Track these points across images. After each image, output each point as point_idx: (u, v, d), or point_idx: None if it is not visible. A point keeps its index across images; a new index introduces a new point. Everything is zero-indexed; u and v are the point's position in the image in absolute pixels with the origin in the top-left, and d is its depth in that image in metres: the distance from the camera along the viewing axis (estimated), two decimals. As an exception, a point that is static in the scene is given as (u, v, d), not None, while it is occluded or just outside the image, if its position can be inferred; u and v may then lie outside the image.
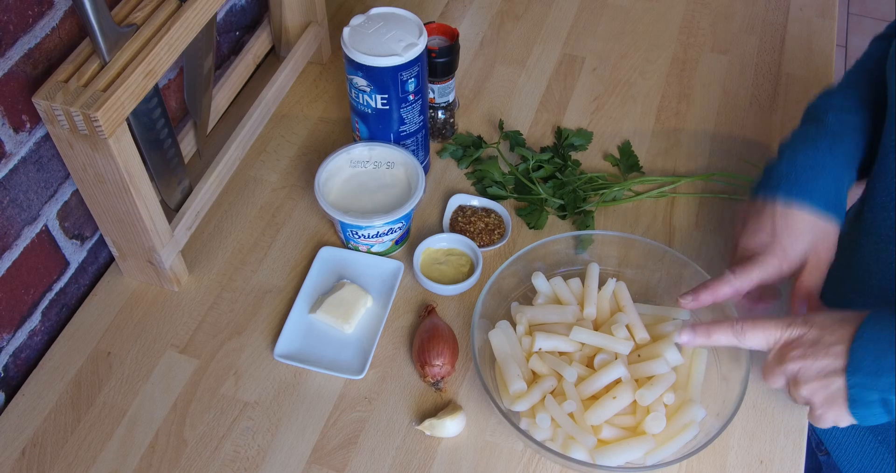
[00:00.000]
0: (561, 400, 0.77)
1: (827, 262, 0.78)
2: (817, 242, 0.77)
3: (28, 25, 0.74)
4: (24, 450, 0.81)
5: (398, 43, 0.87)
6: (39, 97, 0.71)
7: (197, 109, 0.97)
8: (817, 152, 0.80)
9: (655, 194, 1.00)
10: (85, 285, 0.94)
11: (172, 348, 0.88)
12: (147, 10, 0.77)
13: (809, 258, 0.77)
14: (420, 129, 0.96)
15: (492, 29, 1.21)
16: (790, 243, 0.76)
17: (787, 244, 0.77)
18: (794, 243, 0.77)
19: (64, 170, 0.85)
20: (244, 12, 1.12)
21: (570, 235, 0.88)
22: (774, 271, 0.76)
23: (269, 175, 1.03)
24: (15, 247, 0.82)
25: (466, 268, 0.92)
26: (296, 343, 0.87)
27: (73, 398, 0.84)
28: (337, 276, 0.92)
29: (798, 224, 0.77)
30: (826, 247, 0.78)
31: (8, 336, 0.84)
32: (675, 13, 1.24)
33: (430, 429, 0.80)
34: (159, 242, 0.85)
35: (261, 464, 0.80)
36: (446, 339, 0.84)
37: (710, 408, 0.78)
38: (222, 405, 0.84)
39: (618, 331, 0.81)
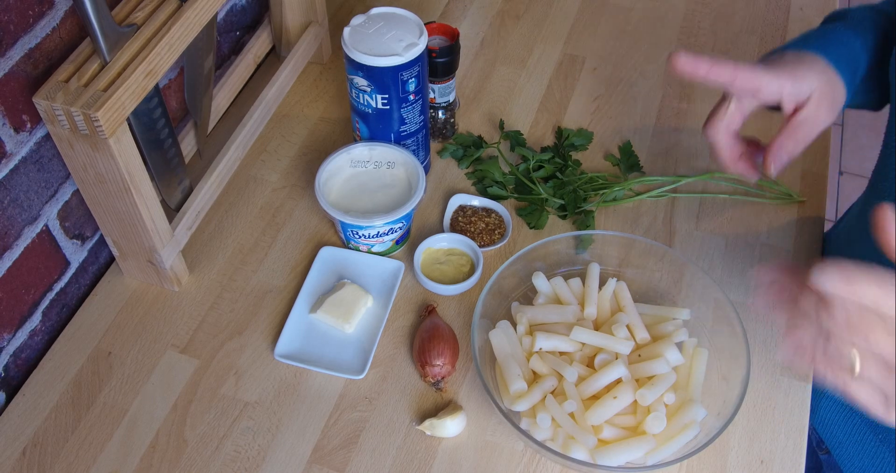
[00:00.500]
0: (561, 400, 0.77)
1: (824, 121, 0.72)
2: (824, 88, 0.71)
3: (28, 25, 0.74)
4: (24, 450, 0.81)
5: (399, 43, 0.87)
6: (40, 97, 0.71)
7: (197, 108, 0.97)
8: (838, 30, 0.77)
9: (656, 194, 1.00)
10: (85, 285, 0.94)
11: (173, 348, 0.88)
12: (147, 10, 0.77)
13: (810, 101, 0.71)
14: (420, 129, 0.96)
15: (492, 29, 1.21)
16: (800, 68, 0.71)
17: (797, 68, 0.71)
18: (803, 70, 0.71)
19: (64, 170, 0.85)
20: (244, 12, 1.12)
21: (571, 235, 0.88)
22: (777, 84, 0.70)
23: (270, 175, 1.03)
24: (15, 247, 0.82)
25: (467, 268, 0.92)
26: (296, 343, 0.87)
27: (73, 399, 0.84)
28: (337, 276, 0.92)
29: (810, 61, 0.72)
30: (829, 103, 0.72)
31: (8, 336, 0.84)
32: (676, 13, 1.24)
33: (430, 429, 0.80)
34: (160, 242, 0.85)
35: (261, 464, 0.80)
36: (447, 339, 0.84)
37: (710, 408, 0.78)
38: (223, 405, 0.84)
39: (618, 331, 0.81)
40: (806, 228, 0.97)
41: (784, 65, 0.72)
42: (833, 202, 2.17)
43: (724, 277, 0.93)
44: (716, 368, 0.81)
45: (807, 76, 0.71)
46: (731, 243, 0.96)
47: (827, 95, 0.72)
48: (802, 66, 0.71)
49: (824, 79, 0.71)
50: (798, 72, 0.71)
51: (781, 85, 0.70)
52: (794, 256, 0.95)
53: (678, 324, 0.84)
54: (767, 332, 0.89)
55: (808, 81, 0.71)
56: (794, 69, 0.71)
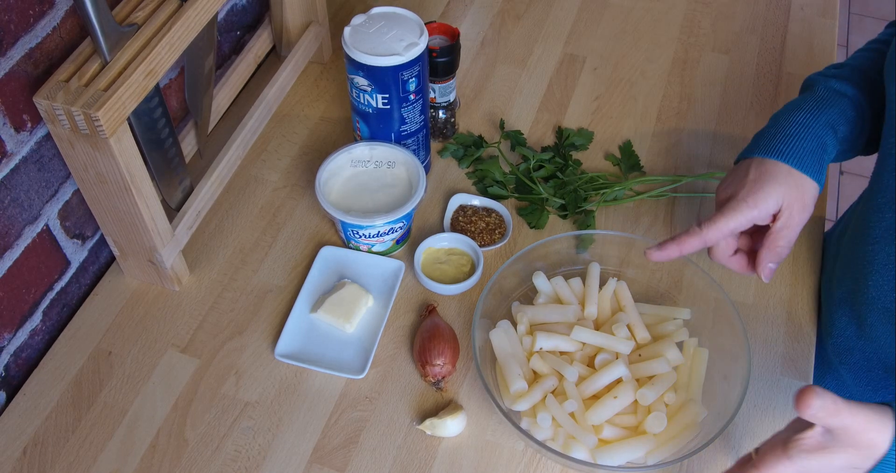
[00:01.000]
0: (562, 400, 0.77)
1: (799, 223, 0.76)
2: (791, 196, 0.75)
3: (29, 25, 0.74)
4: (25, 450, 0.81)
5: (399, 42, 0.87)
6: (40, 97, 0.71)
7: (198, 108, 0.97)
8: (800, 114, 0.80)
9: (656, 194, 1.00)
10: (86, 285, 0.94)
11: (173, 347, 0.88)
12: (148, 10, 0.77)
13: (782, 213, 0.75)
14: (421, 128, 0.96)
15: (493, 28, 1.21)
16: (761, 190, 0.75)
17: (758, 190, 0.75)
18: (765, 190, 0.75)
19: (65, 169, 0.85)
20: (245, 12, 1.12)
21: (571, 234, 0.88)
22: (744, 220, 0.74)
23: (270, 175, 1.03)
24: (16, 246, 0.82)
25: (467, 268, 0.92)
26: (297, 343, 0.87)
27: (73, 398, 0.84)
28: (338, 275, 0.92)
29: (772, 173, 0.76)
30: (800, 206, 0.75)
31: (9, 336, 0.84)
32: (676, 13, 1.24)
33: (430, 429, 0.80)
34: (160, 241, 0.85)
35: (262, 464, 0.80)
36: (447, 339, 0.84)
37: (711, 408, 0.78)
38: (223, 405, 0.84)
39: (619, 331, 0.81)
40: (806, 227, 0.97)
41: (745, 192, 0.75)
42: (833, 202, 2.17)
43: (725, 276, 0.93)
44: (716, 368, 0.81)
45: (770, 195, 0.75)
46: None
47: (796, 199, 0.75)
48: (764, 183, 0.75)
49: (789, 186, 0.75)
50: (759, 195, 0.75)
51: (749, 218, 0.75)
52: (794, 255, 0.95)
53: (679, 324, 0.84)
54: (768, 332, 0.89)
55: (773, 198, 0.75)
56: (755, 193, 0.75)
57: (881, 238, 0.77)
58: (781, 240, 0.75)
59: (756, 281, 0.92)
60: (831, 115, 0.79)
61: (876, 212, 0.78)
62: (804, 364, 0.86)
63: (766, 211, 0.75)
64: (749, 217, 0.74)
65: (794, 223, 0.75)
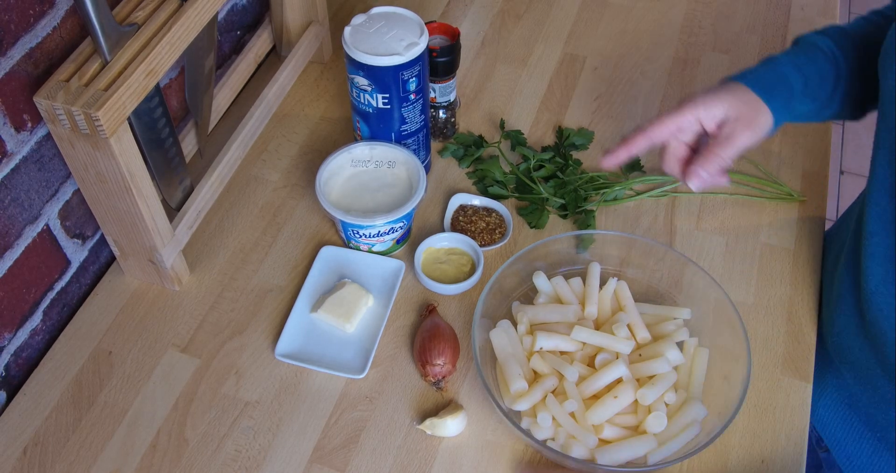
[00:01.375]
0: (562, 400, 0.77)
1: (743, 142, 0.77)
2: (741, 110, 0.77)
3: (29, 25, 0.74)
4: (25, 449, 0.81)
5: (399, 42, 0.87)
6: (41, 97, 0.71)
7: (198, 108, 0.97)
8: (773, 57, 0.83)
9: (656, 194, 1.00)
10: (86, 285, 0.94)
11: (174, 347, 0.88)
12: (148, 10, 0.77)
13: (728, 123, 0.77)
14: (421, 128, 0.96)
15: (493, 28, 1.21)
16: (714, 94, 0.78)
17: (711, 94, 0.78)
18: (717, 96, 0.77)
19: (65, 169, 0.85)
20: (245, 12, 1.12)
21: (572, 234, 0.88)
22: (689, 116, 0.77)
23: (271, 175, 1.03)
24: (16, 246, 0.82)
25: (467, 267, 0.92)
26: (297, 343, 0.87)
27: (74, 398, 0.84)
28: (338, 275, 0.92)
29: (730, 87, 0.79)
30: (747, 123, 0.77)
31: (9, 335, 0.84)
32: (677, 12, 1.24)
33: (431, 429, 0.80)
34: (160, 241, 0.85)
35: (262, 463, 0.80)
36: (447, 338, 0.84)
37: (711, 407, 0.78)
38: (223, 405, 0.84)
39: (619, 330, 0.81)
40: (806, 227, 0.97)
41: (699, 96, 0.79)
42: (834, 202, 2.17)
43: (725, 276, 0.93)
44: (717, 367, 0.81)
45: (720, 99, 0.78)
46: (732, 242, 0.96)
47: (745, 115, 0.77)
48: (719, 92, 0.79)
49: (742, 101, 0.78)
50: (709, 97, 0.78)
51: (694, 115, 0.78)
52: (795, 255, 0.95)
53: (679, 324, 0.84)
54: (768, 331, 0.89)
55: (722, 103, 0.77)
56: (707, 95, 0.78)
57: (874, 233, 0.77)
58: (718, 149, 0.77)
59: (756, 281, 0.93)
60: (800, 59, 0.82)
61: (874, 206, 0.78)
62: (804, 364, 0.86)
63: (711, 113, 0.77)
64: (694, 114, 0.77)
65: (737, 138, 0.77)
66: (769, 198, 1.00)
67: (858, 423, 0.89)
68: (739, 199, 1.00)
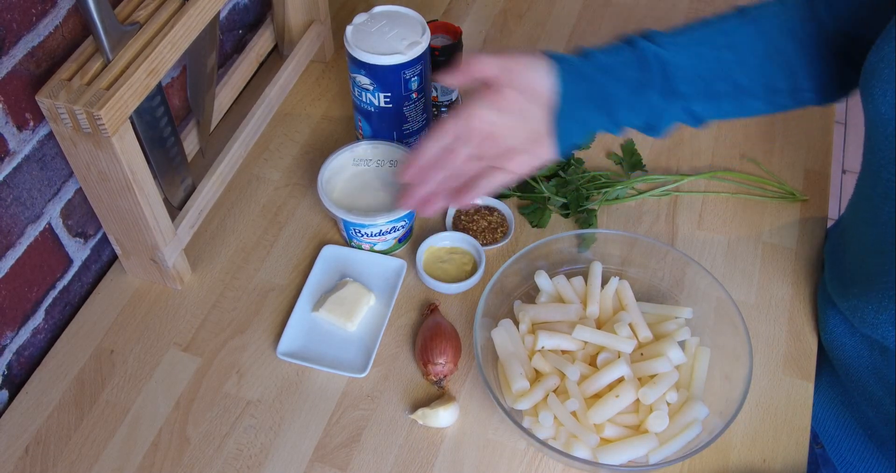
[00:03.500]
0: (563, 399, 0.77)
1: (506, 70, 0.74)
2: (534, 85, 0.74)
3: (31, 24, 0.74)
4: (27, 448, 0.81)
5: (401, 41, 0.87)
6: (43, 96, 0.71)
7: (200, 107, 0.97)
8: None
9: (658, 193, 1.00)
10: (88, 284, 0.94)
11: (175, 346, 0.88)
12: (150, 9, 0.77)
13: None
14: (423, 127, 0.96)
15: (495, 27, 1.21)
16: (537, 61, 0.75)
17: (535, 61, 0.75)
18: (539, 65, 0.75)
19: (67, 168, 0.85)
20: (247, 11, 1.12)
21: (573, 233, 0.88)
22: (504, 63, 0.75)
23: (272, 174, 1.03)
24: (18, 245, 0.82)
25: (469, 266, 0.92)
26: (299, 342, 0.87)
27: (76, 397, 0.84)
28: (340, 274, 0.92)
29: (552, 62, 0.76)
30: (532, 97, 0.74)
31: (11, 334, 0.84)
32: (678, 11, 1.23)
33: (422, 419, 0.81)
34: (162, 240, 0.85)
35: (264, 462, 0.80)
36: (449, 337, 0.84)
37: (712, 407, 0.78)
38: (225, 404, 0.84)
39: (620, 330, 0.81)
40: (808, 226, 0.97)
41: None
42: (836, 201, 2.17)
43: (727, 275, 0.93)
44: (718, 367, 0.81)
45: (539, 67, 0.75)
46: (734, 241, 0.96)
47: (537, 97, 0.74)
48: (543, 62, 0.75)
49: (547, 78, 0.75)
50: (534, 63, 0.75)
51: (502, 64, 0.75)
52: (797, 254, 0.95)
53: (680, 323, 0.84)
54: (770, 331, 0.89)
55: (537, 72, 0.75)
56: (532, 60, 0.75)
57: (856, 225, 0.78)
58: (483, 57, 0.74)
59: (758, 280, 0.92)
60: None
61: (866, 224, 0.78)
62: (806, 364, 0.86)
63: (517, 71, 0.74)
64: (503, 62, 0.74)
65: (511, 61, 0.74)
66: (771, 197, 1.00)
67: (852, 420, 0.89)
68: (741, 198, 1.00)
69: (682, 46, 0.78)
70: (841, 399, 0.89)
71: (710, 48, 0.78)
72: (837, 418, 0.90)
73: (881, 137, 0.69)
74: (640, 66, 0.77)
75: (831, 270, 0.87)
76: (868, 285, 0.77)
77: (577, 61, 0.77)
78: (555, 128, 0.76)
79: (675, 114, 0.79)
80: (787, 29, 0.79)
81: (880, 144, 0.70)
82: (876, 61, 0.69)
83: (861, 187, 0.78)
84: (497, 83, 0.75)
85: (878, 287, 0.75)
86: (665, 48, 0.77)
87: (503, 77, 0.75)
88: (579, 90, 0.75)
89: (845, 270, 0.83)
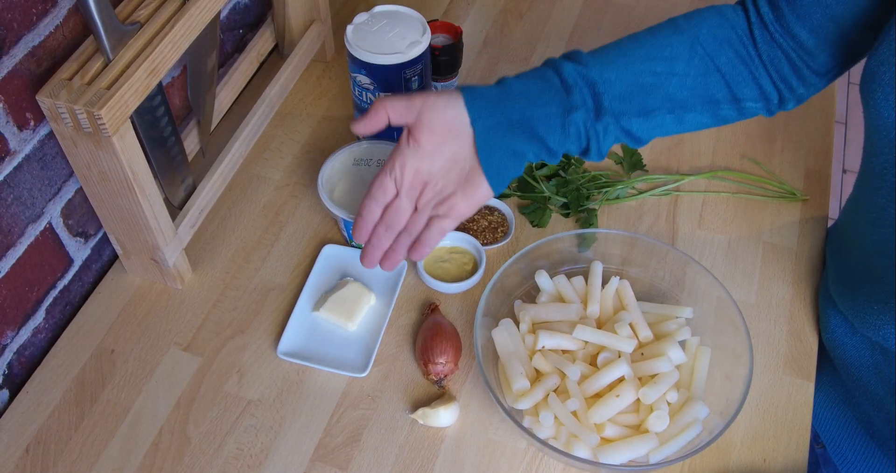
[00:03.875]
0: (564, 398, 0.77)
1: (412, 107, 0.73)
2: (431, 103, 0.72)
3: (32, 23, 0.74)
4: (27, 448, 0.81)
5: (402, 41, 0.87)
6: (43, 95, 0.71)
7: (200, 107, 0.97)
8: None
9: (659, 193, 1.00)
10: (89, 283, 0.94)
11: (176, 345, 0.88)
12: (151, 8, 0.77)
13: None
14: (423, 127, 0.96)
15: (495, 27, 1.21)
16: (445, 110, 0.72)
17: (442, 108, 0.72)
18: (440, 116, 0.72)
19: (68, 168, 0.85)
20: (248, 10, 1.12)
21: (574, 233, 0.88)
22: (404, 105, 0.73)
23: (273, 173, 1.03)
24: (19, 245, 0.82)
25: (470, 266, 0.92)
26: (299, 341, 0.87)
27: (76, 396, 0.84)
28: (340, 274, 0.92)
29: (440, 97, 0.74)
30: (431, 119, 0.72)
31: (12, 334, 0.84)
32: (679, 11, 1.23)
33: (423, 418, 0.81)
34: (163, 240, 0.86)
35: (264, 462, 0.80)
36: (449, 337, 0.84)
37: (713, 406, 0.78)
38: (226, 403, 0.84)
39: (621, 329, 0.81)
40: (809, 226, 0.97)
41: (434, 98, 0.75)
42: (836, 201, 2.17)
43: (727, 275, 0.93)
44: (718, 366, 0.81)
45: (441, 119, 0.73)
46: (734, 241, 0.96)
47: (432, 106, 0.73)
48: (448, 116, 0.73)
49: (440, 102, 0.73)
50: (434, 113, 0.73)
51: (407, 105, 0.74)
52: (797, 254, 0.95)
53: (681, 322, 0.84)
54: (770, 330, 0.89)
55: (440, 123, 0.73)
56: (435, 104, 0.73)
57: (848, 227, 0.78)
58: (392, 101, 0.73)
59: (758, 280, 0.92)
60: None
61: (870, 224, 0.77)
62: (806, 363, 0.86)
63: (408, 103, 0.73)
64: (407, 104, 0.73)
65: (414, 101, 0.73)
66: (771, 197, 1.00)
67: (853, 420, 0.89)
68: (742, 198, 1.00)
69: (608, 63, 0.75)
70: (842, 399, 0.89)
71: (639, 61, 0.75)
72: (839, 417, 0.90)
73: (884, 141, 0.69)
74: (562, 87, 0.73)
75: (833, 270, 0.87)
76: (870, 287, 0.77)
77: (490, 90, 0.73)
78: (482, 163, 0.73)
79: (612, 134, 0.75)
80: (722, 38, 0.76)
81: (882, 148, 0.70)
82: (875, 65, 0.68)
83: (861, 187, 0.78)
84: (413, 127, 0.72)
85: (880, 288, 0.75)
86: (589, 67, 0.74)
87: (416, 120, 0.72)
88: (495, 119, 0.72)
89: (847, 270, 0.83)
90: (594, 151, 0.76)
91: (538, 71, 0.75)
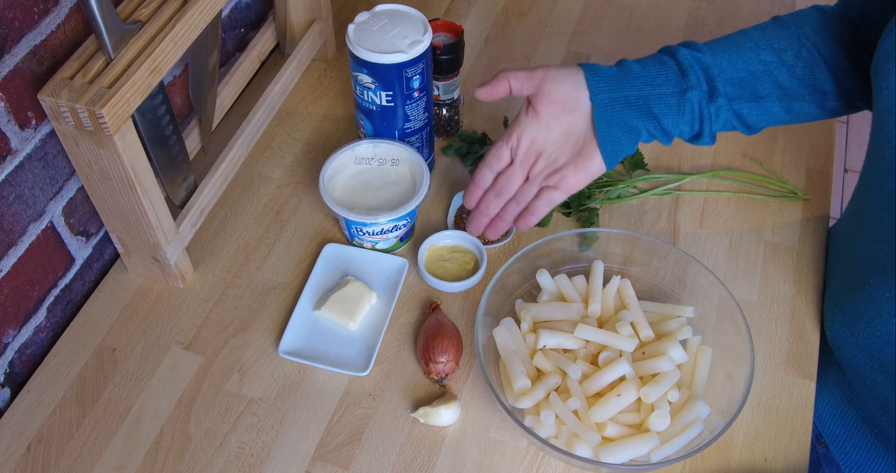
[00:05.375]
0: (565, 398, 0.77)
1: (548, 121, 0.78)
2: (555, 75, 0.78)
3: (33, 22, 0.74)
4: (29, 446, 0.81)
5: (403, 40, 0.87)
6: (45, 94, 0.71)
7: (202, 105, 0.97)
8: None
9: (660, 192, 1.00)
10: (90, 282, 0.94)
11: (177, 344, 0.88)
12: (152, 7, 0.77)
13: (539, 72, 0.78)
14: (425, 126, 0.96)
15: (496, 26, 1.21)
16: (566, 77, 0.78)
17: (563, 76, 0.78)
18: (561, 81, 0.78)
19: (69, 167, 0.85)
20: (249, 9, 1.12)
21: (575, 232, 0.88)
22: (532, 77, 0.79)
23: (274, 172, 1.03)
24: (20, 243, 0.82)
25: (471, 265, 0.92)
26: (300, 340, 0.87)
27: (78, 395, 0.84)
28: (341, 273, 0.92)
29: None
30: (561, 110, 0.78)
31: (13, 332, 0.85)
32: (681, 10, 1.23)
33: (424, 417, 0.81)
34: (164, 238, 0.86)
35: (265, 461, 0.80)
36: (450, 336, 0.84)
37: (714, 406, 0.78)
38: (227, 402, 0.84)
39: (622, 328, 0.81)
40: (811, 225, 0.97)
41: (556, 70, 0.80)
42: (838, 200, 2.17)
43: (729, 274, 0.93)
44: (720, 366, 0.81)
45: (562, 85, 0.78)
46: (736, 240, 0.96)
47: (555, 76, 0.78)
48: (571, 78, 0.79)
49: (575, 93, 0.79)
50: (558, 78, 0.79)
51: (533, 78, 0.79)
52: (798, 253, 0.95)
53: (682, 322, 0.84)
54: (772, 330, 0.89)
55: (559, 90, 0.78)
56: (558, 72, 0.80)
57: (882, 239, 0.77)
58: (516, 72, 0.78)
59: (760, 279, 0.92)
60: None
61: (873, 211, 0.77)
62: (808, 363, 0.86)
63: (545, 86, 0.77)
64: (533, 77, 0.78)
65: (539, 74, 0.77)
66: (773, 196, 1.00)
67: (857, 419, 0.89)
68: (743, 197, 1.00)
69: (720, 51, 0.79)
70: (846, 398, 0.89)
71: (749, 51, 0.79)
72: (842, 417, 0.90)
73: (887, 136, 0.69)
74: (678, 70, 0.78)
75: (835, 269, 0.87)
76: (876, 276, 0.77)
77: (610, 69, 0.78)
78: (598, 137, 0.77)
79: (724, 117, 0.79)
80: (829, 31, 0.79)
81: (886, 143, 0.70)
82: (891, 45, 0.69)
83: (868, 175, 0.78)
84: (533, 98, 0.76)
85: (884, 278, 0.75)
86: (703, 53, 0.78)
87: (537, 91, 0.76)
88: (613, 96, 0.76)
89: (849, 268, 0.83)
90: (707, 134, 0.80)
91: (655, 56, 0.80)
